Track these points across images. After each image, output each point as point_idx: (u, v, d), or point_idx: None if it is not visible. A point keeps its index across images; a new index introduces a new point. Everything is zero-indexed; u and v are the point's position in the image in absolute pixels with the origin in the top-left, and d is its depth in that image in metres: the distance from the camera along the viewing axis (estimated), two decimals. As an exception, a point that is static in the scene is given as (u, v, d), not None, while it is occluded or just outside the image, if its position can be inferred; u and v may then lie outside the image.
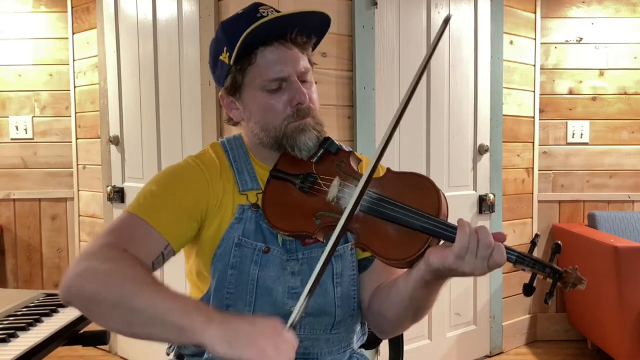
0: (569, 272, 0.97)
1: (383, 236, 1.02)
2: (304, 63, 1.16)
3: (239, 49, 1.10)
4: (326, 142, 1.16)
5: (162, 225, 1.08)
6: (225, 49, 1.14)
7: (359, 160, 1.20)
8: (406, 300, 1.07)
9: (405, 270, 1.06)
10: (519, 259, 0.97)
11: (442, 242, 0.99)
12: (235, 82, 1.15)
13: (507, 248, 0.96)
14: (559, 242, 1.00)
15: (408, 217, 1.00)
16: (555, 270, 0.97)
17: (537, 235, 1.03)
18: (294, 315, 0.90)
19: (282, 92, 1.13)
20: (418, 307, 1.09)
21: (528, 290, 0.99)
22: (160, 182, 1.15)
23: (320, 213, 1.09)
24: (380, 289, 1.16)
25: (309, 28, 1.16)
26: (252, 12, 1.13)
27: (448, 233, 0.97)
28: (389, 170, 1.12)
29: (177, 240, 1.11)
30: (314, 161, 1.15)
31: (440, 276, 0.99)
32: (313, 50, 1.21)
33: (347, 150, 1.18)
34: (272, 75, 1.12)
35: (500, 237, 0.96)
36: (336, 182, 1.11)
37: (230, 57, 1.12)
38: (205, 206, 1.13)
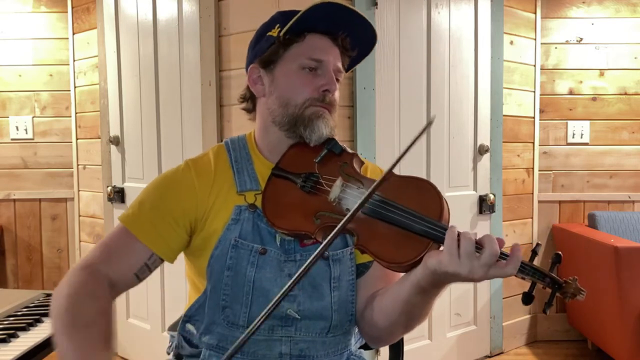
0: (568, 282, 0.96)
1: (383, 238, 1.01)
2: (340, 64, 1.20)
3: (298, 18, 1.14)
4: (330, 142, 1.17)
5: (146, 235, 1.12)
6: (278, 25, 1.18)
7: (362, 163, 1.20)
8: (400, 306, 1.06)
9: (402, 275, 1.05)
10: (520, 268, 0.94)
11: (441, 247, 0.97)
12: (275, 54, 1.18)
13: None
14: (559, 253, 0.98)
15: (410, 220, 0.99)
16: (554, 280, 0.96)
17: (538, 244, 0.99)
18: (228, 353, 0.85)
19: (315, 75, 1.17)
20: (411, 314, 1.08)
21: (527, 299, 0.97)
22: (149, 192, 1.17)
23: (320, 213, 1.08)
24: (374, 296, 1.15)
25: (354, 39, 1.22)
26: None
27: None
28: (391, 173, 1.12)
29: (163, 249, 1.13)
30: (316, 161, 1.15)
31: (436, 282, 0.97)
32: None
33: (351, 152, 1.18)
34: (315, 55, 1.16)
35: (500, 243, 0.94)
36: (339, 182, 1.10)
37: (281, 30, 1.16)
38: (193, 215, 1.15)
